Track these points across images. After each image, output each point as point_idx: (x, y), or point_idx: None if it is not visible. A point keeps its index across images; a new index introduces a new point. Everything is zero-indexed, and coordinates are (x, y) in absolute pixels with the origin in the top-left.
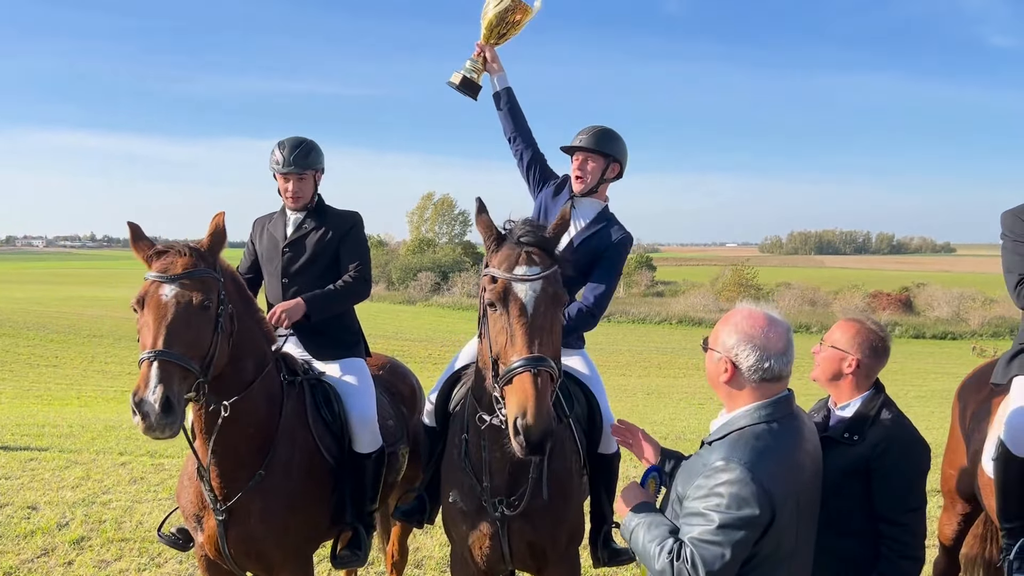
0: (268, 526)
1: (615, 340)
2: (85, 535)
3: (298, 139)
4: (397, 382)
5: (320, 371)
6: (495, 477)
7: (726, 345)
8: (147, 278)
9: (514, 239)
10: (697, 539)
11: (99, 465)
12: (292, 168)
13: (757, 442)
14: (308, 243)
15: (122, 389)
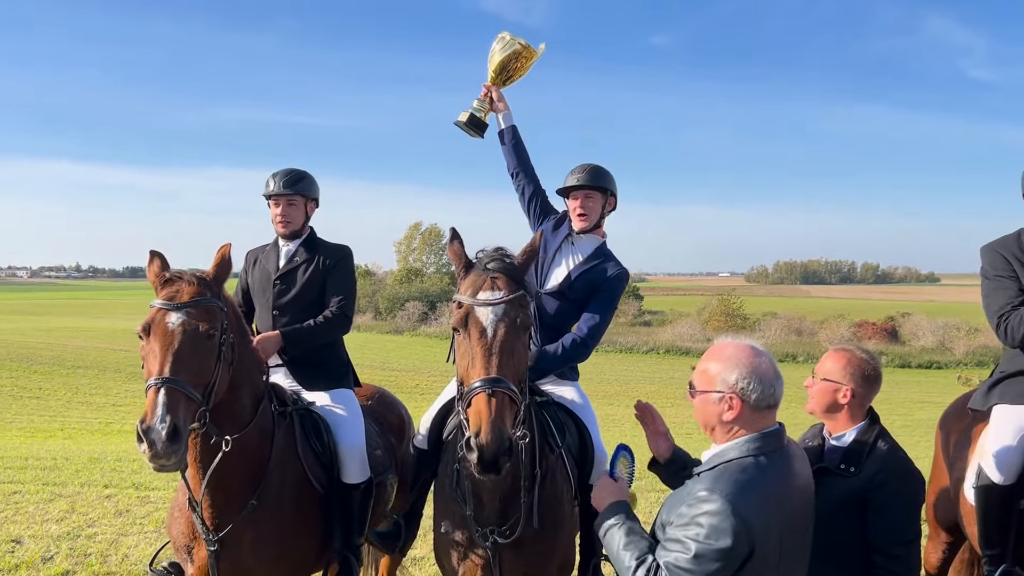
0: (259, 556)
1: (603, 370)
2: (70, 569)
3: (291, 168)
4: (386, 412)
5: (309, 401)
6: (486, 506)
7: (728, 382)
8: (153, 305)
9: (481, 266)
10: (673, 564)
11: (84, 498)
12: (281, 191)
13: (742, 475)
14: (299, 275)
15: (107, 421)
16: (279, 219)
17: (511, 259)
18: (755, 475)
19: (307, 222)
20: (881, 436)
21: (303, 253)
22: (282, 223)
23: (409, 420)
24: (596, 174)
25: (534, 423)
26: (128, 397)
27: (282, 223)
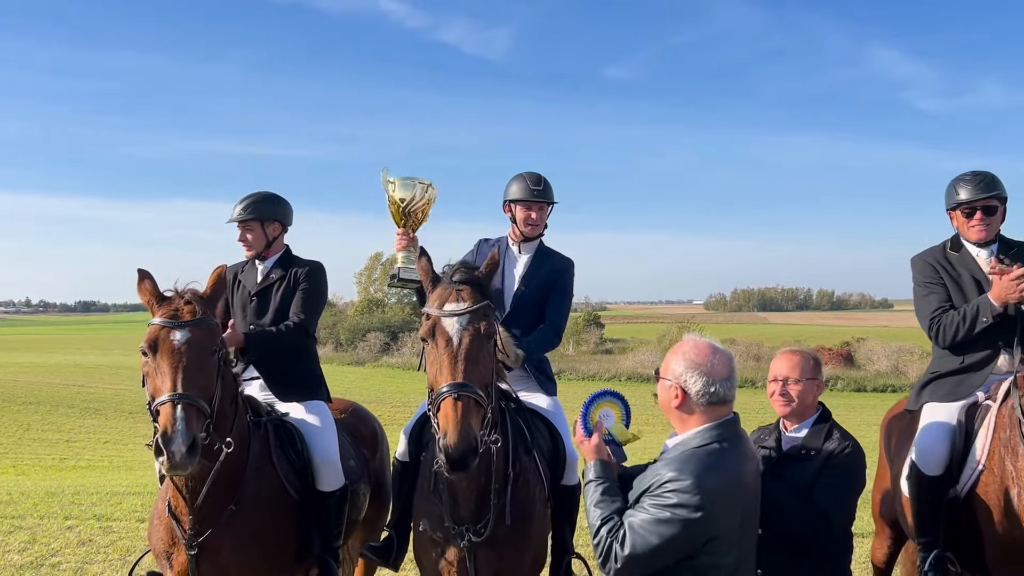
0: (239, 560)
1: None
2: None
3: (252, 193)
4: (359, 425)
5: (284, 412)
6: (461, 506)
7: (675, 372)
8: (154, 323)
9: (447, 279)
10: (636, 524)
11: (44, 529)
12: (237, 217)
13: (707, 458)
14: (273, 292)
15: (60, 456)
16: (241, 243)
17: (475, 272)
18: (718, 460)
19: (273, 242)
20: (834, 424)
21: (278, 271)
22: (245, 246)
23: (382, 433)
24: (545, 189)
25: (508, 427)
26: (82, 433)
27: (245, 246)
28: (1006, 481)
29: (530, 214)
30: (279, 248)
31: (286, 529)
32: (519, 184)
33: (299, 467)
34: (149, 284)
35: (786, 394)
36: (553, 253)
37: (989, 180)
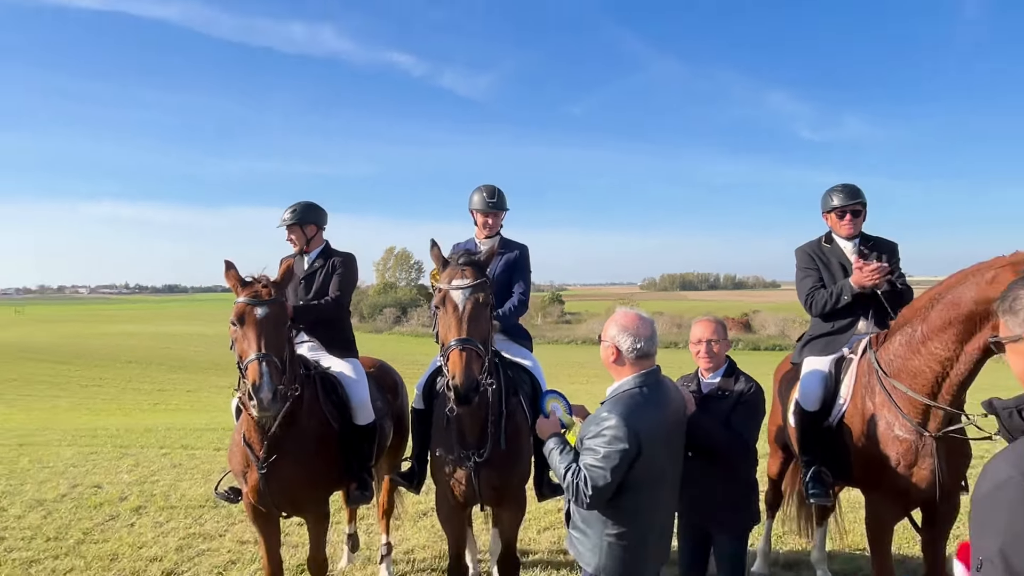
0: (297, 476)
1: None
2: (142, 504)
3: (295, 203)
4: (384, 377)
5: (327, 367)
6: (468, 436)
7: (611, 335)
8: (240, 301)
9: (455, 261)
10: (588, 465)
11: (145, 456)
12: (287, 222)
13: (631, 400)
14: (317, 276)
15: (154, 402)
16: (295, 242)
17: (477, 255)
18: (640, 400)
19: (312, 239)
20: (740, 371)
21: (320, 261)
22: (300, 245)
23: (402, 383)
24: (499, 200)
25: (500, 376)
26: (169, 384)
27: (300, 245)
28: (866, 413)
29: (487, 220)
30: (319, 243)
31: (331, 454)
32: (479, 196)
33: (340, 407)
34: (234, 272)
35: (709, 352)
36: (511, 242)
37: (855, 190)
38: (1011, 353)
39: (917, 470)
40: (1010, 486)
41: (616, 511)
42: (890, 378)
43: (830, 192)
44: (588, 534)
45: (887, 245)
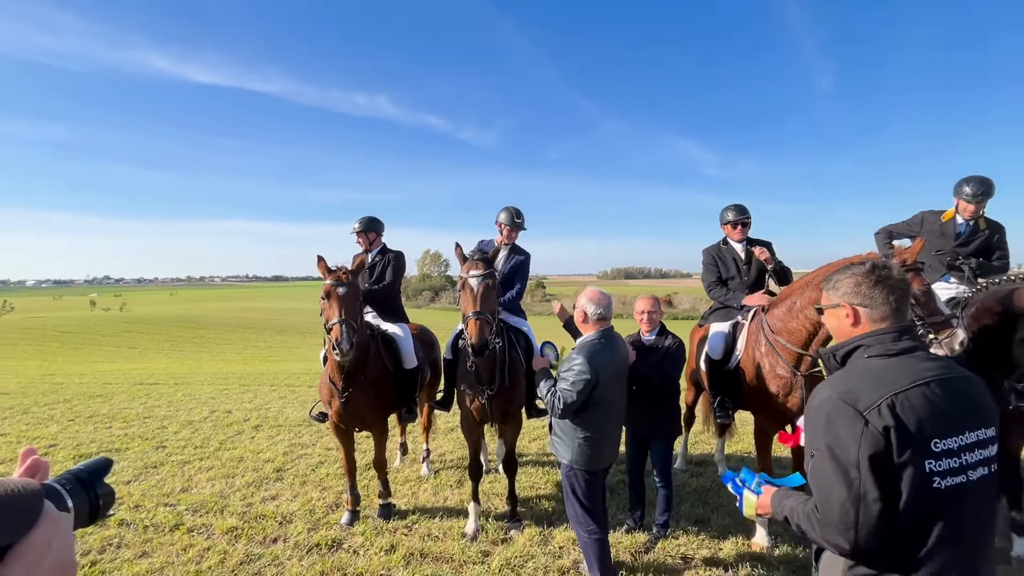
0: (366, 403)
1: None
2: (259, 424)
3: (366, 217)
4: (424, 336)
5: (385, 328)
6: (483, 377)
7: (581, 304)
8: (327, 283)
9: (471, 258)
10: (563, 388)
11: (260, 391)
12: (357, 230)
13: (592, 347)
14: (378, 267)
15: (266, 357)
16: (364, 244)
17: (486, 253)
18: (599, 347)
19: (374, 242)
20: (669, 332)
21: (379, 256)
22: (365, 246)
23: (436, 341)
24: (521, 221)
25: (504, 337)
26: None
27: (365, 246)
28: (755, 360)
29: (510, 232)
30: (378, 244)
31: (388, 388)
32: (506, 214)
33: (394, 356)
34: (323, 262)
35: (649, 319)
36: (519, 249)
37: (743, 208)
38: (828, 316)
39: (791, 398)
40: (828, 403)
41: (583, 422)
42: (775, 334)
43: (726, 209)
44: (563, 439)
45: (764, 243)
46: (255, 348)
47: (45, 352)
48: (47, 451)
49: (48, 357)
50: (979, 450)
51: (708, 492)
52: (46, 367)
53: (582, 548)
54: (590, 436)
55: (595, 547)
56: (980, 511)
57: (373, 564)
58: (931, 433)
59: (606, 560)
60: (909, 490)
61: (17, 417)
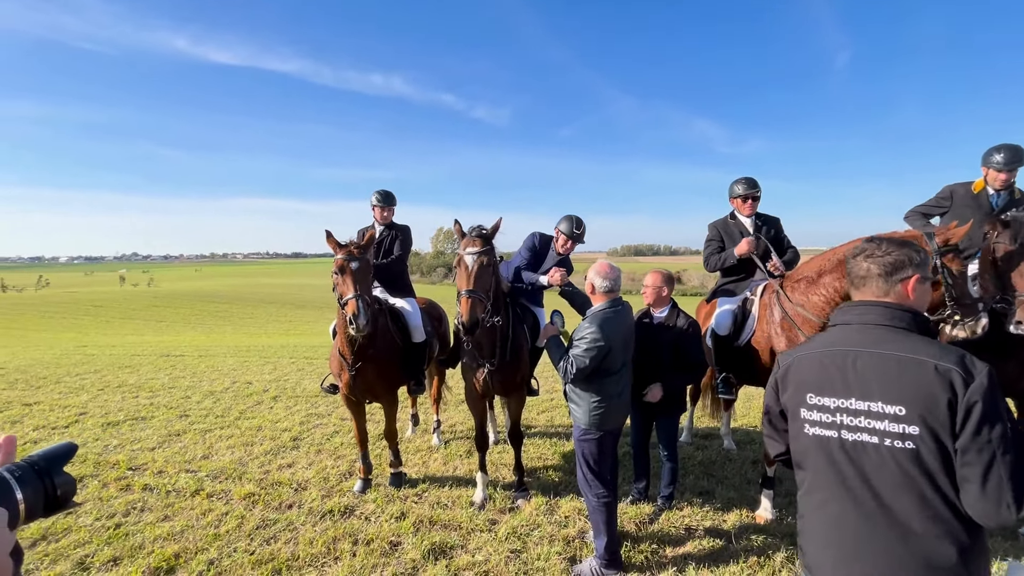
0: (374, 375)
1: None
2: (277, 394)
3: (384, 190)
4: (432, 310)
5: (393, 303)
6: (485, 352)
7: (590, 277)
8: (339, 258)
9: (470, 234)
10: (576, 354)
11: (279, 363)
12: (382, 203)
13: (604, 316)
14: (386, 242)
15: (286, 330)
16: (379, 217)
17: (485, 230)
18: (610, 316)
19: (387, 216)
20: (681, 310)
21: (388, 231)
22: (380, 220)
23: (445, 315)
24: (581, 235)
25: (510, 314)
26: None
27: (380, 220)
28: (769, 335)
29: (567, 244)
30: (391, 218)
31: (397, 361)
32: (567, 224)
33: (402, 330)
34: (332, 238)
35: (656, 295)
36: (568, 262)
37: (754, 182)
38: None
39: None
40: None
41: (597, 387)
42: (796, 305)
43: (735, 183)
44: (580, 404)
45: (773, 219)
46: (276, 322)
47: (79, 325)
48: (77, 419)
49: (82, 330)
50: (868, 419)
51: (713, 465)
52: (80, 339)
53: (590, 513)
54: (601, 400)
55: (603, 511)
56: (871, 474)
57: (383, 530)
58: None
59: (613, 525)
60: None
61: (51, 387)
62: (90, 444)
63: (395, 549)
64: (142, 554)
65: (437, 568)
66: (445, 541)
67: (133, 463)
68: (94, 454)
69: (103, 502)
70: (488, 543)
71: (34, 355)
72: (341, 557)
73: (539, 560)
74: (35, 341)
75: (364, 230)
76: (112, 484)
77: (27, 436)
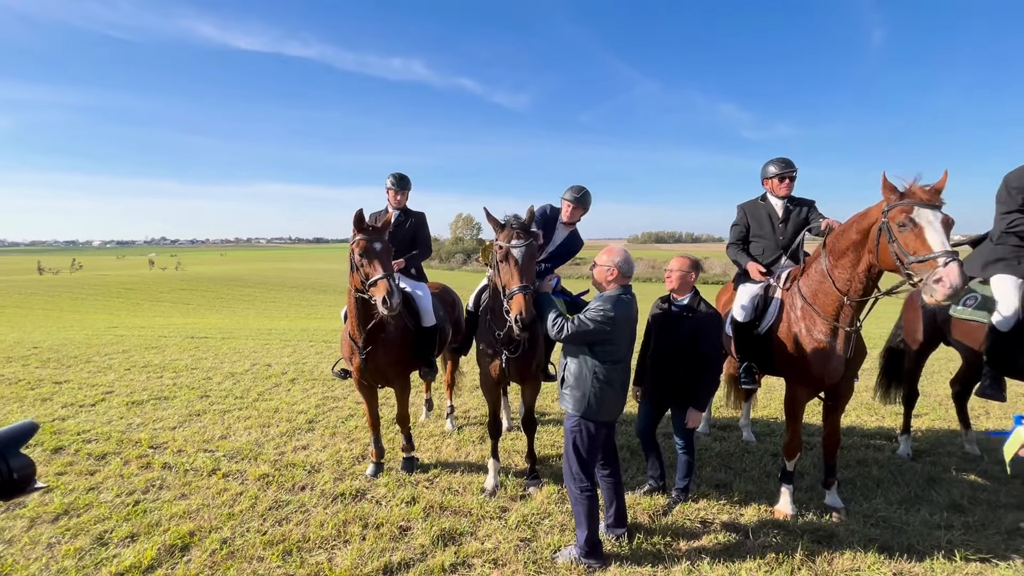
0: (385, 360)
1: None
2: (295, 377)
3: (399, 173)
4: (445, 295)
5: (403, 287)
6: (502, 336)
7: (614, 261)
8: (362, 239)
9: (510, 226)
10: (582, 318)
11: (297, 345)
12: (396, 187)
13: (615, 298)
14: (402, 228)
15: (307, 314)
16: (393, 201)
17: (524, 221)
18: (619, 300)
19: (402, 199)
20: (703, 299)
21: (403, 216)
22: (395, 203)
23: (458, 300)
24: (584, 198)
25: None
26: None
27: (395, 203)
28: (790, 324)
29: (570, 210)
30: (404, 202)
31: (408, 345)
32: (571, 192)
33: (413, 315)
34: (358, 218)
35: (680, 280)
36: (577, 235)
37: (789, 161)
38: None
39: (830, 362)
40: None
41: (601, 373)
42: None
43: (769, 163)
44: (578, 388)
45: (807, 202)
46: (297, 306)
47: (111, 307)
48: (104, 397)
49: (113, 312)
50: None
51: (732, 457)
52: (111, 320)
53: (573, 505)
54: (599, 390)
55: (586, 503)
56: None
57: (394, 515)
58: None
59: (595, 518)
60: None
61: (80, 366)
62: (115, 422)
63: (404, 534)
64: (158, 531)
65: (446, 554)
66: (455, 527)
67: (154, 441)
68: (118, 432)
69: (124, 479)
70: (498, 531)
71: (67, 335)
72: (351, 540)
73: (549, 549)
74: (69, 322)
75: (376, 214)
76: (133, 462)
77: (56, 413)
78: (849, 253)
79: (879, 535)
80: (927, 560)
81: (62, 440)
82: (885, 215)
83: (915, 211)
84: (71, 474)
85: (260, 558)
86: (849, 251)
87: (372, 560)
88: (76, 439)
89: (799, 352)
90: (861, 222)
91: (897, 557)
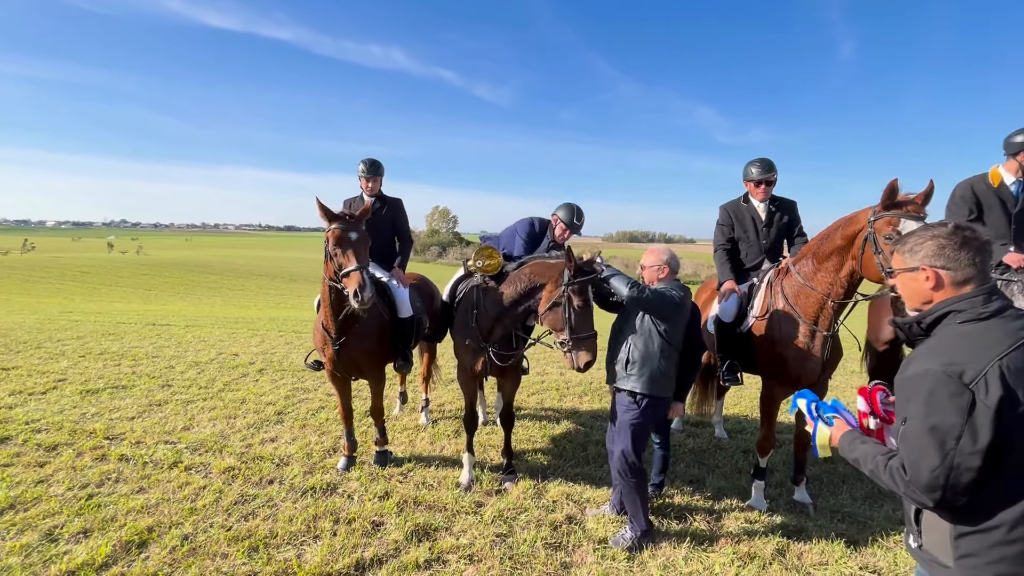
0: (359, 351)
1: None
2: (263, 368)
3: (371, 159)
4: (423, 286)
5: (380, 277)
6: (483, 331)
7: (655, 261)
8: (336, 228)
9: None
10: (654, 290)
11: (267, 336)
12: (368, 173)
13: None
14: (378, 215)
15: (276, 303)
16: (366, 188)
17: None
18: (676, 289)
19: (378, 186)
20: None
21: (379, 203)
22: (368, 191)
23: (436, 291)
24: (580, 225)
25: None
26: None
27: (368, 191)
28: (771, 325)
29: (565, 234)
30: (378, 189)
31: (383, 337)
32: (567, 213)
33: (389, 305)
34: (325, 208)
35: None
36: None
37: (771, 165)
38: (903, 280)
39: (808, 362)
40: (930, 377)
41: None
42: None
43: (750, 165)
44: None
45: (789, 203)
46: (266, 295)
47: (64, 291)
48: (55, 385)
49: (67, 295)
50: None
51: (704, 453)
52: (65, 304)
53: (626, 499)
54: (668, 365)
55: (641, 492)
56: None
57: (366, 510)
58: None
59: (647, 500)
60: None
61: (30, 352)
62: (67, 412)
63: (377, 529)
64: (114, 526)
65: (420, 550)
66: (429, 523)
67: (110, 432)
68: (70, 422)
69: (76, 471)
70: (473, 526)
71: (16, 319)
72: (321, 536)
73: (525, 545)
74: (18, 305)
75: (351, 200)
76: (87, 453)
77: (2, 401)
78: (833, 257)
79: (846, 530)
80: (891, 554)
81: (8, 430)
82: (871, 224)
83: (902, 224)
84: (18, 466)
85: (224, 555)
86: (833, 255)
87: (343, 556)
88: (24, 428)
89: (778, 351)
90: (847, 227)
91: (863, 551)
